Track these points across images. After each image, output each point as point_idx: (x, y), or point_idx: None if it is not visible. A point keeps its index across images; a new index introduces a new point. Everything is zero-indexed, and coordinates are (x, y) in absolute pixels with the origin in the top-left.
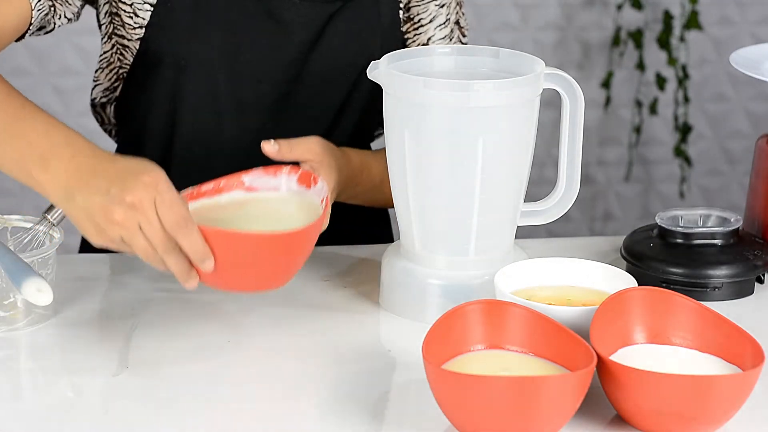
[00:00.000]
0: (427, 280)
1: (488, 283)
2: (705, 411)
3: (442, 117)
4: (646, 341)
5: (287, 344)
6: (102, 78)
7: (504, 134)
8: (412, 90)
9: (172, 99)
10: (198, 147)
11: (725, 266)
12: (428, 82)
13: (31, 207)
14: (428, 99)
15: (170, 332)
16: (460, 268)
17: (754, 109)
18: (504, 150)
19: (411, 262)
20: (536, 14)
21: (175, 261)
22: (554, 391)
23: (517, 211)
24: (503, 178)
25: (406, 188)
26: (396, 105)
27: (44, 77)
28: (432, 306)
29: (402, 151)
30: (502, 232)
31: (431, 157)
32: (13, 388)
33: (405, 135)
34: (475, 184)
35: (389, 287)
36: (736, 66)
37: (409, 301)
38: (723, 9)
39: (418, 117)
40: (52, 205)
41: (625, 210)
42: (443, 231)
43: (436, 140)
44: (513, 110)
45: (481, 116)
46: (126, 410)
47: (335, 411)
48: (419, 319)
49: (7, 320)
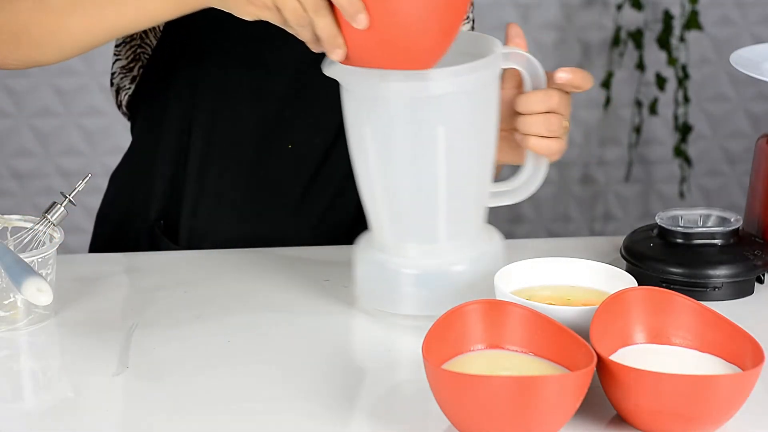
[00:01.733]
0: (400, 270)
1: (466, 270)
2: (705, 411)
3: (401, 108)
4: (646, 341)
5: (287, 344)
6: (122, 53)
7: (465, 120)
8: (368, 84)
9: (192, 87)
10: (216, 136)
11: (725, 266)
12: (384, 75)
13: (31, 207)
14: (385, 92)
15: (170, 332)
16: (433, 256)
17: (754, 109)
18: (467, 135)
19: (383, 253)
20: (536, 14)
21: (324, 23)
22: (554, 391)
23: (484, 194)
24: (468, 163)
25: (371, 181)
26: (354, 100)
27: (44, 77)
28: (407, 296)
29: (364, 145)
30: (471, 217)
31: (393, 149)
32: (13, 388)
33: (365, 129)
34: (438, 172)
35: (364, 280)
36: (736, 66)
37: (384, 293)
38: (723, 9)
39: (377, 110)
40: (52, 205)
41: (625, 210)
42: (412, 221)
43: (397, 132)
44: (472, 95)
45: (440, 104)
46: (126, 410)
47: (335, 411)
48: (395, 311)
49: (7, 320)
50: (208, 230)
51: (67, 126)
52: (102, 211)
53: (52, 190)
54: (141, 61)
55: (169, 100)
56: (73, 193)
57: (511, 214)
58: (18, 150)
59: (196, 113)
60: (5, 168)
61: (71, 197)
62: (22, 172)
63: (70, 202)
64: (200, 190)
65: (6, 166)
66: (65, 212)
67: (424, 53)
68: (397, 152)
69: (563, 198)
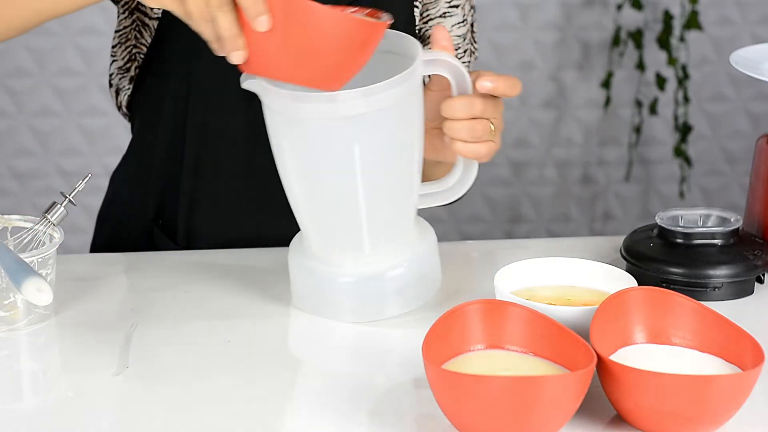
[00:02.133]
0: (335, 279)
1: (402, 275)
2: (705, 411)
3: (314, 129)
4: (646, 341)
5: (287, 344)
6: (118, 54)
7: (383, 136)
8: (281, 103)
9: (186, 85)
10: (210, 136)
11: (725, 266)
12: (295, 96)
13: (31, 207)
14: (298, 112)
15: (170, 332)
16: (366, 263)
17: (754, 109)
18: (386, 150)
19: (316, 261)
20: (536, 14)
21: (226, 20)
22: (554, 391)
23: (411, 199)
24: (389, 175)
25: (293, 192)
26: (272, 116)
27: (44, 77)
28: (343, 304)
29: (283, 157)
30: (399, 223)
31: (311, 163)
32: (13, 388)
33: (284, 142)
34: (358, 186)
35: (298, 285)
36: (736, 66)
37: (320, 299)
38: (723, 9)
39: (293, 128)
40: (52, 205)
41: (625, 210)
42: (337, 231)
43: (313, 148)
44: (388, 112)
45: (355, 123)
46: (126, 410)
47: (335, 411)
48: (332, 317)
49: (7, 320)
50: (206, 230)
51: (67, 126)
52: (102, 211)
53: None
54: (137, 61)
55: (163, 99)
56: (73, 193)
57: (511, 214)
58: (18, 150)
59: (190, 113)
60: (5, 168)
61: (71, 197)
62: (22, 172)
63: (70, 202)
64: (196, 190)
65: (6, 166)
66: (65, 212)
67: (328, 72)
68: (314, 167)
69: (563, 198)
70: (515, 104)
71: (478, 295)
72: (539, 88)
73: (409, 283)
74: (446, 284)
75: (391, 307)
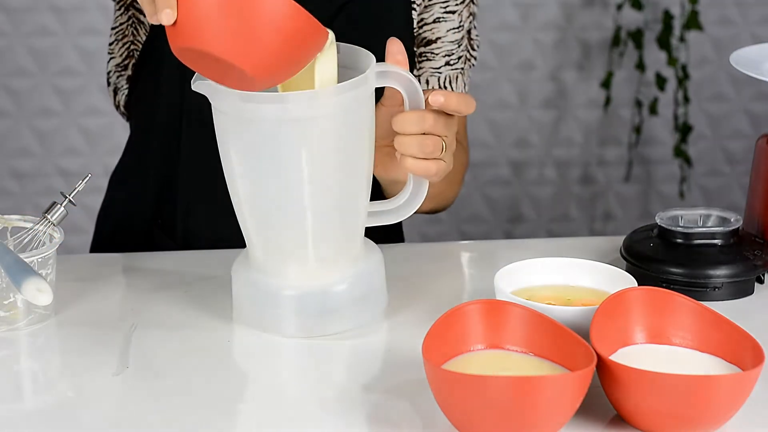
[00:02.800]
0: (279, 292)
1: (345, 291)
2: (705, 411)
3: (262, 130)
4: (646, 341)
5: (287, 344)
6: (116, 51)
7: (331, 142)
8: (230, 104)
9: (181, 83)
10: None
11: (725, 266)
12: (244, 96)
13: (31, 207)
14: (247, 113)
15: (170, 332)
16: (311, 276)
17: (754, 109)
18: (334, 158)
19: (260, 273)
20: (536, 14)
21: None
22: (554, 391)
23: (360, 215)
24: (336, 185)
25: (239, 199)
26: (220, 117)
27: (44, 77)
28: (287, 318)
29: (230, 161)
30: (347, 237)
31: (257, 168)
32: (13, 388)
33: (231, 147)
34: (304, 194)
35: (240, 299)
36: (736, 66)
37: (264, 313)
38: (723, 9)
39: (241, 130)
40: (52, 205)
41: (625, 210)
42: (282, 242)
43: (260, 152)
44: (336, 118)
45: (302, 127)
46: (126, 410)
47: (335, 411)
48: (275, 331)
49: (7, 320)
50: (204, 229)
51: (67, 126)
52: (102, 211)
53: (52, 190)
54: (134, 58)
55: (159, 97)
56: (73, 193)
57: (511, 214)
58: (18, 150)
59: (185, 111)
60: (5, 168)
61: (71, 197)
62: (22, 172)
63: (70, 202)
64: (192, 189)
65: (6, 166)
66: (65, 212)
67: (260, 54)
68: (261, 172)
69: (563, 198)
70: (515, 104)
71: (478, 295)
72: (539, 88)
73: (354, 301)
74: (446, 284)
75: (334, 324)
